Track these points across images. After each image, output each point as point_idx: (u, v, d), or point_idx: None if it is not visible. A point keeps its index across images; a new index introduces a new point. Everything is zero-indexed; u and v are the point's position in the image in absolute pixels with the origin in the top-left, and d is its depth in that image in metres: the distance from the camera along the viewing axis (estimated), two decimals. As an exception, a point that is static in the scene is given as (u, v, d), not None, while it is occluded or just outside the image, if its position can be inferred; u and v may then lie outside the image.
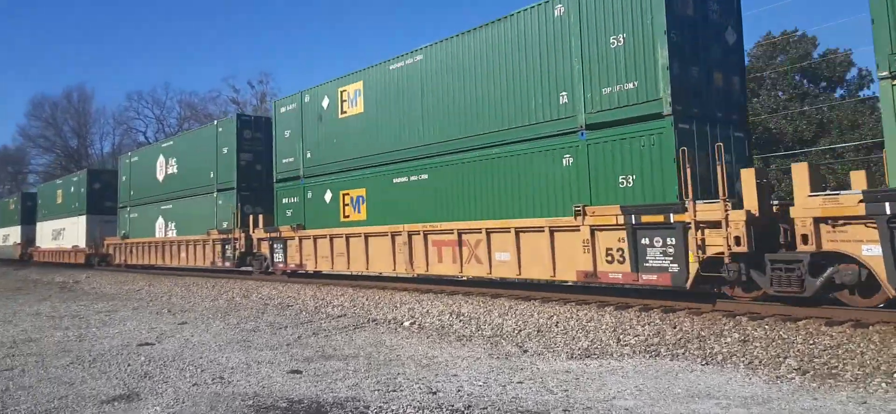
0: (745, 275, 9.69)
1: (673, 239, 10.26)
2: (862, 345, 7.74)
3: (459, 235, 13.98)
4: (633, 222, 10.69)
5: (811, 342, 8.05)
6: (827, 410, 5.87)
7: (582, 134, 11.86)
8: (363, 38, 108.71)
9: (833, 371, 7.14)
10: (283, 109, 20.19)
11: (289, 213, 19.69)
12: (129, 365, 8.71)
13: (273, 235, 20.08)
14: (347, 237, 17.00)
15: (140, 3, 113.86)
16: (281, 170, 20.14)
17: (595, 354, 8.69)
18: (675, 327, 9.45)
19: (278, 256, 19.97)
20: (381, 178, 16.34)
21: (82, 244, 34.09)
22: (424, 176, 15.11)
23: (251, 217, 21.47)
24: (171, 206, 27.04)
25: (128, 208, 30.97)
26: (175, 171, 27.02)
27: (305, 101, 19.02)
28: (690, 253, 10.04)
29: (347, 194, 17.43)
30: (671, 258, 10.31)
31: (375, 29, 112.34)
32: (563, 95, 12.20)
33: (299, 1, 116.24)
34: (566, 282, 13.36)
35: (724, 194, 9.60)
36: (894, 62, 8.43)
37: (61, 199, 37.32)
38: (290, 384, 7.41)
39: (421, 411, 6.13)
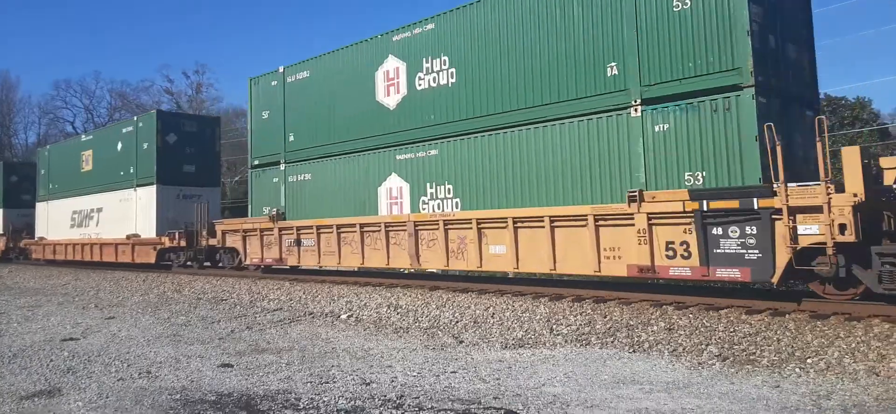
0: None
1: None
2: (778, 332, 8.15)
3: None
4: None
5: (732, 330, 8.43)
6: (743, 393, 6.16)
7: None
8: (306, 26, 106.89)
9: (751, 357, 7.49)
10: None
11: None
12: (51, 360, 8.38)
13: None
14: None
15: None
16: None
17: (529, 344, 8.86)
18: (605, 317, 9.72)
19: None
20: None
21: None
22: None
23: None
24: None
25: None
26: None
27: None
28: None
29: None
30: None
31: (318, 18, 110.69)
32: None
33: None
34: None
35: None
36: None
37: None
38: (220, 378, 7.28)
39: (353, 402, 6.13)
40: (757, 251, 8.95)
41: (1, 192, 33.51)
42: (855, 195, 8.19)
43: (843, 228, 8.20)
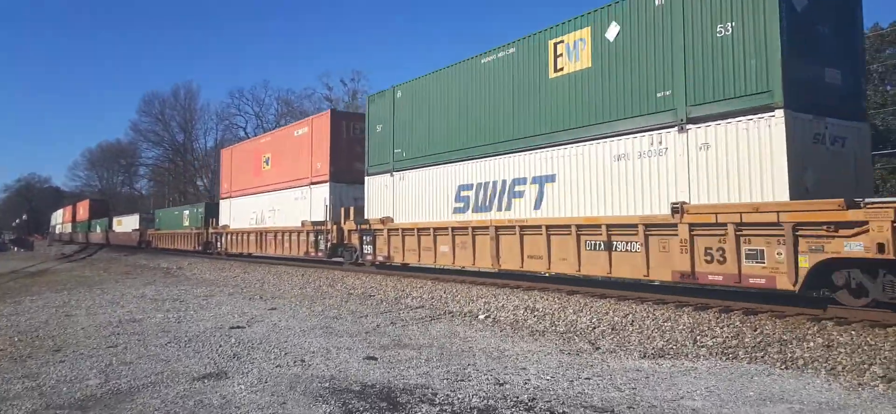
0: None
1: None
2: (960, 356, 7.28)
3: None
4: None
5: (902, 351, 7.64)
6: (910, 420, 5.61)
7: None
8: (447, 39, 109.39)
9: (924, 382, 6.77)
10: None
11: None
12: (220, 346, 9.36)
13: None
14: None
15: (241, 3, 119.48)
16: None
17: (669, 354, 8.58)
18: (755, 330, 9.17)
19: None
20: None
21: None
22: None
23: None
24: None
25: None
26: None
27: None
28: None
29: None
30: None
31: (459, 29, 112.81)
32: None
33: (391, 2, 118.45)
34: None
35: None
36: None
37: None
38: (364, 369, 7.77)
39: (486, 401, 6.31)
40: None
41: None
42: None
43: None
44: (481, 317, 11.87)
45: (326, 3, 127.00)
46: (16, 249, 72.15)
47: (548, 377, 7.34)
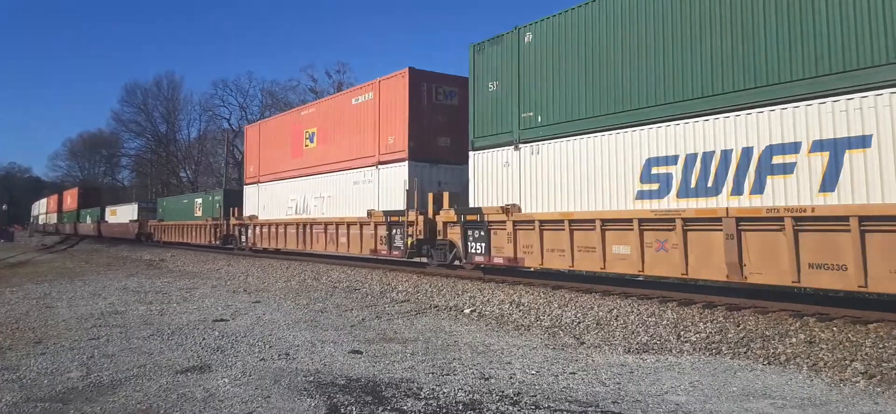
0: None
1: None
2: (938, 352, 7.39)
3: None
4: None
5: (881, 346, 7.75)
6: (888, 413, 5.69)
7: None
8: (437, 30, 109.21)
9: (903, 377, 6.86)
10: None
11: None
12: (203, 339, 9.28)
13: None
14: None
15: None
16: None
17: (653, 350, 8.63)
18: (738, 326, 9.26)
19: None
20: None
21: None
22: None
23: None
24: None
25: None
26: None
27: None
28: None
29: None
30: None
31: (449, 19, 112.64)
32: None
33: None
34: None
35: None
36: None
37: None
38: (350, 363, 7.74)
39: (471, 395, 6.31)
40: None
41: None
42: None
43: None
44: (467, 311, 11.88)
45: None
46: None
47: (533, 372, 7.35)
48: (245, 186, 29.83)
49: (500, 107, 14.86)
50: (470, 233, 15.44)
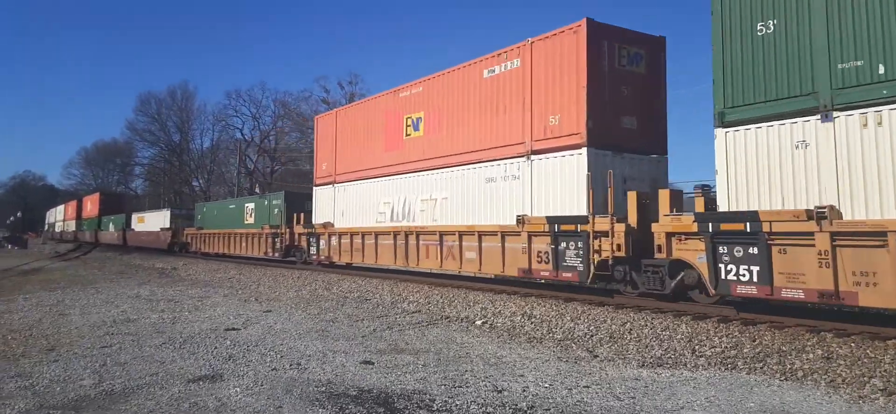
0: None
1: None
2: (960, 370, 7.25)
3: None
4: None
5: (902, 364, 7.61)
6: (912, 434, 5.57)
7: None
8: (449, 40, 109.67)
9: (924, 395, 6.73)
10: None
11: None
12: (215, 348, 9.27)
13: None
14: None
15: (238, 4, 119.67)
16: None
17: (668, 364, 8.53)
18: (754, 340, 9.14)
19: None
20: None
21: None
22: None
23: None
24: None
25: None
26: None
27: None
28: None
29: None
30: None
31: (461, 32, 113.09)
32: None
33: (388, 4, 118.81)
34: None
35: None
36: None
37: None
38: (361, 374, 7.70)
39: (484, 408, 6.25)
40: None
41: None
42: None
43: None
44: (478, 322, 11.81)
45: (322, 5, 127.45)
46: (10, 246, 71.83)
47: (546, 385, 7.28)
48: (315, 188, 25.02)
49: (786, 56, 9.89)
50: (725, 249, 10.35)
